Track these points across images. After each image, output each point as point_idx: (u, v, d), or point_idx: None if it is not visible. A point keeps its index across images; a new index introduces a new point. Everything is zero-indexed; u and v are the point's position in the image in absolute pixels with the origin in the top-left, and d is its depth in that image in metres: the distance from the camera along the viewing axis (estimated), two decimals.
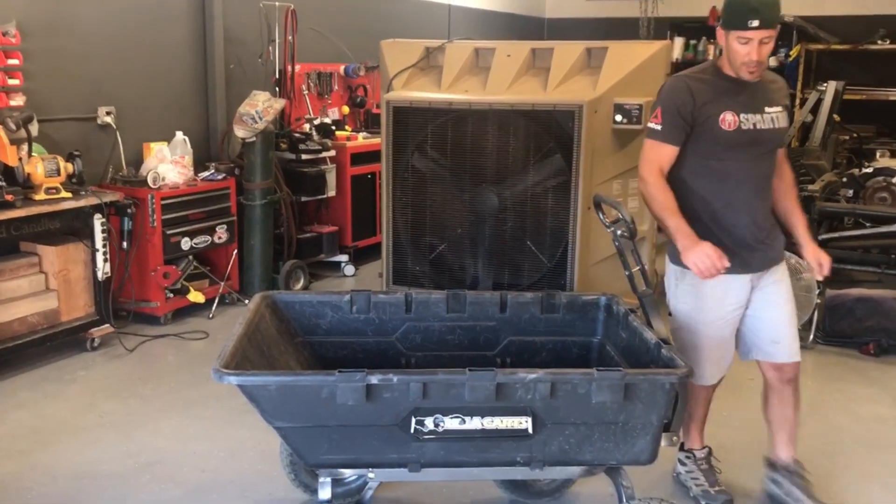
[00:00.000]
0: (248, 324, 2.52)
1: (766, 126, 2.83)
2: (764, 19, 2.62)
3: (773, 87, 2.90)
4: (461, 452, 2.31)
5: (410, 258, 4.76)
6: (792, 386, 2.98)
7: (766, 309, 2.93)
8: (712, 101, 2.80)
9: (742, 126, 2.79)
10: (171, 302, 5.25)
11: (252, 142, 5.53)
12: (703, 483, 3.14)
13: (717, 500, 3.10)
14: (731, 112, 2.79)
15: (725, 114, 2.78)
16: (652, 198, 2.81)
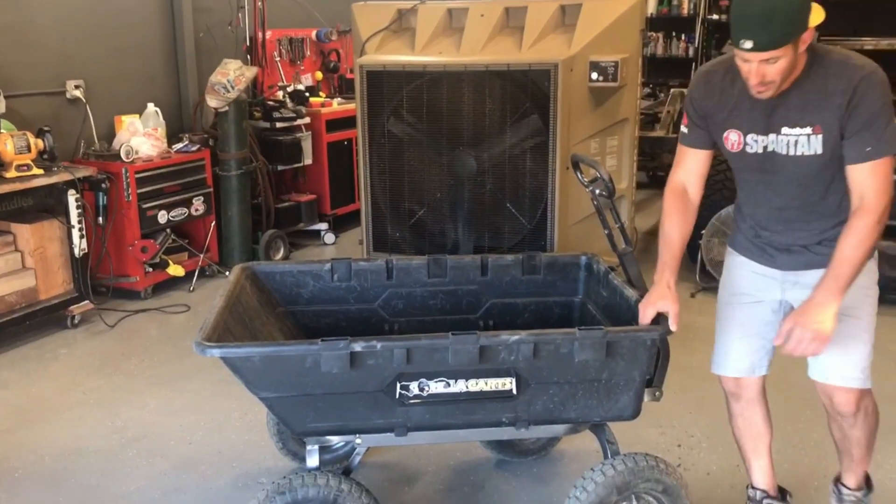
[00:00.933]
0: (229, 296, 2.50)
1: (779, 150, 2.26)
2: (758, 42, 2.04)
3: (814, 99, 2.18)
4: (447, 415, 2.33)
5: (390, 224, 4.74)
6: (843, 413, 2.47)
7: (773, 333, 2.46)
8: (723, 110, 2.34)
9: (747, 149, 2.32)
10: (150, 276, 5.22)
11: (225, 111, 5.46)
12: None
13: None
14: (735, 131, 2.32)
15: (729, 132, 2.34)
16: (662, 214, 2.51)
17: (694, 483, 3.11)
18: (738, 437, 2.74)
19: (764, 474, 2.74)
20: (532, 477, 3.17)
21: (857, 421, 2.48)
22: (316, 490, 2.28)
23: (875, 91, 2.12)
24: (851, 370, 2.39)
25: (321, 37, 7.04)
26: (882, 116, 2.13)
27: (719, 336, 2.64)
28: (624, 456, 2.43)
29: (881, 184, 2.15)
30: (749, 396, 2.65)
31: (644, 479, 2.41)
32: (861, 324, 2.37)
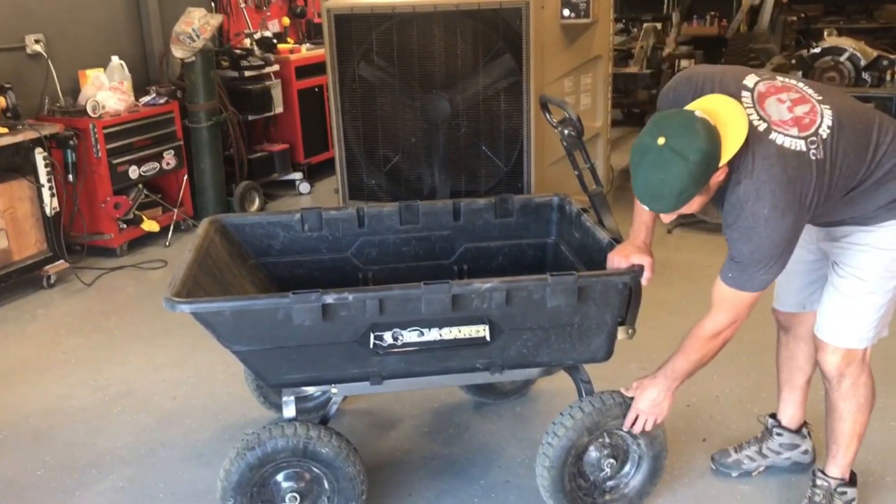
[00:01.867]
0: (198, 250, 2.48)
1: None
2: (655, 210, 2.12)
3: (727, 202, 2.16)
4: (421, 363, 2.34)
5: (365, 172, 4.70)
6: (826, 373, 2.43)
7: (830, 267, 2.39)
8: None
9: None
10: (125, 233, 5.17)
11: (192, 62, 5.34)
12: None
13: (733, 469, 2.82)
14: None
15: None
16: None
17: (674, 414, 3.15)
18: (778, 364, 2.78)
19: (790, 405, 2.78)
20: (514, 416, 3.21)
21: (841, 388, 2.40)
22: (285, 440, 2.30)
23: (753, 241, 2.06)
24: (837, 326, 2.34)
25: None
26: (751, 261, 2.09)
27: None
28: (592, 397, 2.45)
29: (723, 305, 2.20)
30: (797, 332, 2.65)
31: (613, 417, 2.44)
32: (865, 286, 2.27)
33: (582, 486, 2.54)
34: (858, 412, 2.43)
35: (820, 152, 2.06)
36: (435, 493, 2.78)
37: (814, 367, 2.66)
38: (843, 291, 2.31)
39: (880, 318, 2.32)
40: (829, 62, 5.22)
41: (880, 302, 2.29)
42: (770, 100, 2.10)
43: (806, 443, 2.80)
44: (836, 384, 2.40)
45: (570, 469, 2.45)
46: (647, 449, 2.51)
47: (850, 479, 2.54)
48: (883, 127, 2.17)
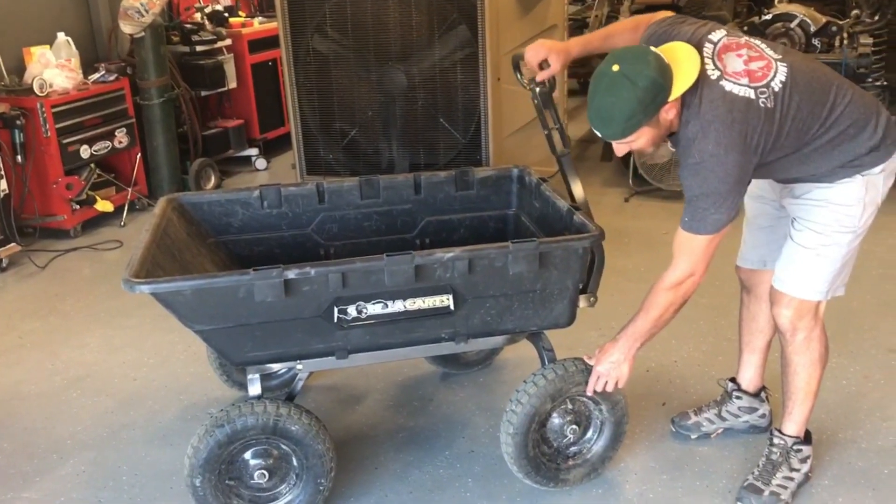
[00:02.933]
0: (155, 229, 2.44)
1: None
2: (604, 135, 2.20)
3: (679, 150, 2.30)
4: (386, 335, 2.34)
5: (322, 146, 4.66)
6: (780, 327, 2.49)
7: (790, 222, 2.45)
8: None
9: None
10: (78, 214, 5.07)
11: (141, 37, 5.22)
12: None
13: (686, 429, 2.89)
14: None
15: None
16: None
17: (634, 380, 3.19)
18: (740, 326, 2.83)
19: (750, 368, 2.84)
20: (478, 386, 3.24)
21: (795, 342, 2.47)
22: (255, 418, 2.29)
23: (700, 176, 2.16)
24: (792, 277, 2.40)
25: None
26: (702, 198, 2.17)
27: (744, 230, 2.70)
28: (554, 364, 2.48)
29: (682, 253, 2.26)
30: (759, 292, 2.70)
31: (575, 384, 2.47)
32: (821, 238, 2.33)
33: (545, 452, 2.58)
34: (812, 367, 2.50)
35: (770, 102, 2.14)
36: (401, 465, 2.80)
37: (773, 329, 2.73)
38: (800, 243, 2.38)
39: (835, 272, 2.38)
40: (779, 28, 5.28)
41: (835, 255, 2.35)
42: (729, 54, 2.19)
43: (764, 407, 2.87)
44: (791, 338, 2.47)
45: (533, 436, 2.48)
46: (609, 414, 2.56)
47: (805, 437, 2.62)
48: (841, 90, 2.24)
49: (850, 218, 2.31)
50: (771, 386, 2.89)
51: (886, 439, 2.83)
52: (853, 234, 2.34)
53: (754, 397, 2.86)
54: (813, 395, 2.55)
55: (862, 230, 2.36)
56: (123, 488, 2.74)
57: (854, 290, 3.83)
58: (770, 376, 2.87)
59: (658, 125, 2.16)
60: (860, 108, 2.24)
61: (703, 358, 3.37)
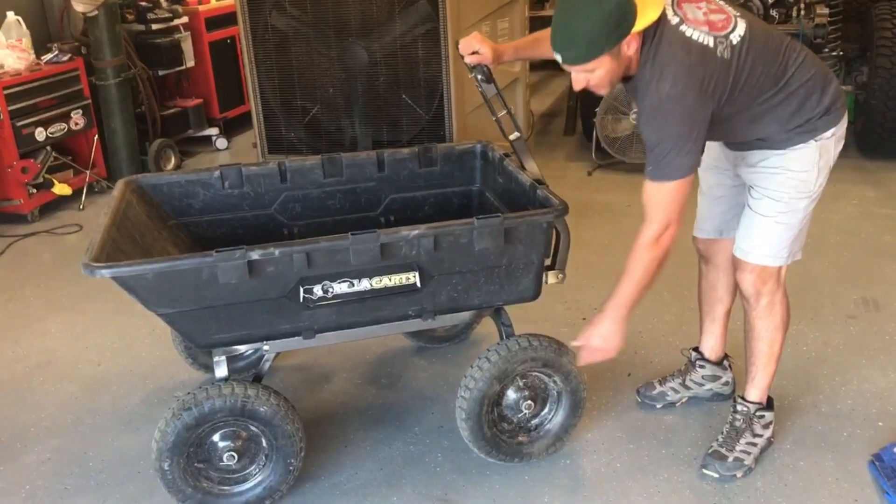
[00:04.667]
0: (115, 212, 2.40)
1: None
2: (566, 57, 2.14)
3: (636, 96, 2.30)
4: (353, 314, 2.34)
5: (284, 125, 4.61)
6: (744, 292, 2.54)
7: (747, 191, 2.50)
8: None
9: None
10: (35, 197, 4.97)
11: (94, 16, 5.10)
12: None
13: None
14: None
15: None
16: None
17: None
18: (700, 296, 2.87)
19: (712, 337, 2.88)
20: (447, 362, 3.26)
21: (759, 307, 2.51)
22: (223, 400, 2.28)
23: (658, 119, 2.16)
24: (753, 245, 2.44)
25: None
26: (662, 143, 2.16)
27: (700, 201, 2.72)
28: (498, 345, 2.49)
29: (652, 206, 2.23)
30: (717, 262, 2.73)
31: (520, 362, 2.47)
32: (778, 205, 2.37)
33: (505, 429, 2.60)
34: (775, 331, 2.55)
35: (727, 53, 2.16)
36: (371, 443, 2.81)
37: (733, 297, 2.78)
38: (758, 211, 2.42)
39: (794, 237, 2.43)
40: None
41: (793, 221, 2.40)
42: (690, 4, 2.21)
43: (727, 374, 2.92)
44: (755, 303, 2.52)
45: (487, 417, 2.50)
46: (564, 384, 2.57)
47: (768, 403, 2.68)
48: (793, 52, 2.28)
49: (805, 183, 2.35)
50: (733, 354, 2.94)
51: (845, 403, 2.90)
52: (809, 199, 2.39)
53: (717, 365, 2.91)
54: (775, 359, 2.60)
55: (817, 194, 2.41)
56: (90, 475, 2.72)
57: (813, 257, 3.92)
58: (732, 344, 2.92)
59: (619, 58, 2.13)
60: (811, 71, 2.28)
61: (666, 328, 3.42)
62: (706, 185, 2.67)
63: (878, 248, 4.08)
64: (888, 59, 4.94)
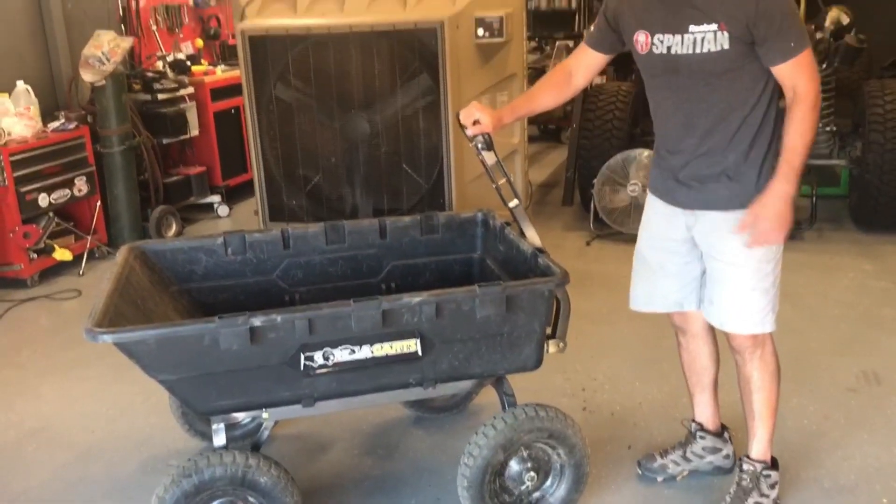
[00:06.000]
0: (118, 278, 2.42)
1: (683, 51, 2.30)
2: None
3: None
4: (354, 382, 2.33)
5: (285, 193, 4.66)
6: (736, 348, 2.55)
7: (707, 261, 2.52)
8: (635, 13, 2.40)
9: (654, 49, 2.35)
10: (35, 263, 4.99)
11: (102, 85, 5.22)
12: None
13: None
14: (644, 31, 2.37)
15: (638, 33, 2.38)
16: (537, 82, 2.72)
17: (599, 423, 3.24)
18: (684, 369, 2.85)
19: (705, 408, 2.85)
20: (445, 433, 3.22)
21: (754, 359, 2.52)
22: (223, 469, 2.25)
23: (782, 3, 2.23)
24: (734, 319, 2.46)
25: (199, 2, 6.79)
26: (792, 15, 2.24)
27: (639, 276, 2.71)
28: (504, 413, 2.47)
29: (810, 72, 2.26)
30: (693, 331, 2.72)
31: (526, 431, 2.45)
32: (744, 273, 2.40)
33: (506, 501, 2.56)
34: (771, 381, 2.56)
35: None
36: None
37: (718, 363, 2.79)
38: (727, 283, 2.44)
39: (771, 299, 2.45)
40: None
41: (765, 285, 2.42)
42: None
43: (727, 447, 2.89)
44: (750, 356, 2.53)
45: (489, 487, 2.47)
46: (568, 457, 2.54)
47: (773, 463, 2.66)
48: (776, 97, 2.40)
49: (768, 247, 2.39)
50: (731, 426, 2.92)
51: (848, 478, 2.87)
52: (775, 260, 2.42)
53: (717, 437, 2.88)
54: (774, 410, 2.59)
55: (780, 254, 2.44)
56: None
57: (811, 329, 3.93)
58: (729, 416, 2.90)
59: None
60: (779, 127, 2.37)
61: (666, 399, 3.40)
62: (656, 264, 2.64)
63: (876, 320, 4.09)
64: (880, 135, 5.04)
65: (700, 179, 2.42)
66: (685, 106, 2.39)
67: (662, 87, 2.44)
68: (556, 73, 2.68)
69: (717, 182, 2.40)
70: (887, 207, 5.14)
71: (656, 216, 2.61)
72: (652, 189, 2.63)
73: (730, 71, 2.30)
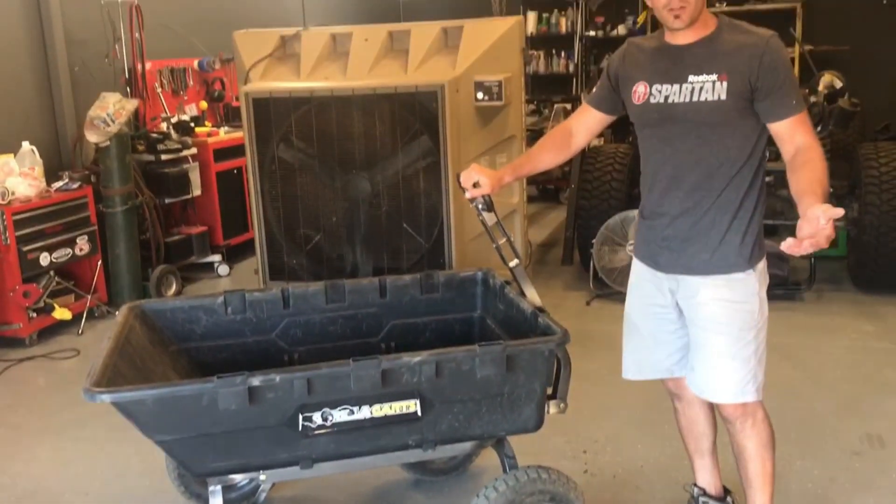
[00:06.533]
0: (117, 337, 2.41)
1: (680, 99, 2.32)
2: None
3: (723, 51, 2.29)
4: (352, 443, 2.30)
5: (286, 252, 4.68)
6: (727, 418, 2.52)
7: (689, 326, 2.50)
8: (637, 68, 2.45)
9: (650, 99, 2.38)
10: (35, 322, 4.97)
11: (106, 146, 5.28)
12: None
13: None
14: (643, 83, 2.40)
15: (638, 85, 2.42)
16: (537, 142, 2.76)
17: (601, 486, 3.19)
18: (682, 435, 2.81)
19: (705, 472, 2.81)
20: (445, 495, 3.17)
21: (745, 428, 2.49)
22: None
23: (783, 52, 2.29)
24: (716, 387, 2.44)
25: (204, 66, 6.90)
26: (793, 74, 2.30)
27: (629, 343, 2.70)
28: (506, 475, 2.44)
29: (811, 130, 2.30)
30: (688, 396, 2.69)
31: (528, 493, 2.42)
32: (726, 340, 2.37)
33: None
34: (764, 449, 2.52)
35: None
36: None
37: (715, 428, 2.75)
38: (709, 351, 2.42)
39: (753, 367, 2.42)
40: None
41: (746, 353, 2.40)
42: None
43: None
44: (741, 426, 2.49)
45: None
46: None
47: None
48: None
49: (751, 314, 2.37)
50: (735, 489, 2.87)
51: None
52: (756, 329, 2.40)
53: (720, 501, 2.83)
54: (771, 478, 2.55)
55: (762, 323, 2.42)
56: None
57: (814, 391, 3.90)
58: (735, 479, 2.86)
59: None
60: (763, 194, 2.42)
61: (668, 462, 3.35)
62: (646, 330, 2.62)
63: (879, 382, 4.06)
64: (876, 197, 5.08)
65: (683, 240, 2.42)
66: (674, 159, 2.40)
67: (654, 139, 2.45)
68: (556, 133, 2.72)
69: (698, 244, 2.39)
70: (886, 268, 5.16)
71: (642, 281, 2.61)
72: (636, 254, 2.64)
73: (722, 125, 2.32)
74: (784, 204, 5.36)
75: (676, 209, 2.42)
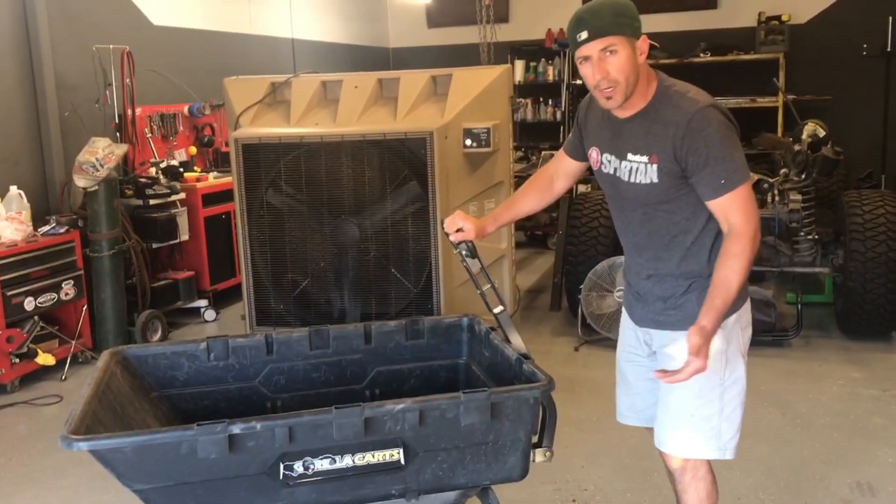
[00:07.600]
0: (97, 384, 2.37)
1: (624, 178, 2.33)
2: (591, 28, 2.15)
3: (653, 130, 2.24)
4: (334, 493, 2.26)
5: (273, 297, 4.66)
6: (670, 468, 2.51)
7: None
8: (591, 130, 2.47)
9: (602, 168, 2.41)
10: (17, 367, 4.91)
11: (94, 191, 5.28)
12: None
13: None
14: (595, 148, 2.43)
15: (591, 150, 2.46)
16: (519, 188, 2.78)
17: None
18: (671, 483, 2.74)
19: None
20: None
21: (683, 480, 2.45)
22: None
23: (710, 125, 2.17)
24: (668, 436, 2.43)
25: (194, 111, 6.94)
26: (724, 148, 2.17)
27: (620, 389, 2.71)
28: None
29: (745, 210, 2.19)
30: None
31: None
32: (687, 395, 2.33)
33: None
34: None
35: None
36: None
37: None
38: (672, 403, 2.40)
39: (717, 424, 2.36)
40: None
41: (706, 412, 2.35)
42: None
43: None
44: (680, 477, 2.46)
45: None
46: None
47: None
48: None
49: (714, 373, 2.29)
50: None
51: None
52: (721, 388, 2.35)
53: None
54: None
55: (731, 382, 2.36)
56: None
57: (803, 438, 3.87)
58: None
59: (635, 57, 2.19)
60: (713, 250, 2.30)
61: None
62: (631, 377, 2.64)
63: (868, 429, 4.04)
64: (861, 244, 5.11)
65: (653, 297, 2.43)
66: (631, 229, 2.43)
67: (614, 206, 2.49)
68: (537, 178, 2.74)
69: (665, 303, 2.40)
70: (872, 315, 5.17)
71: (626, 329, 2.64)
72: (624, 303, 2.66)
73: (664, 202, 2.30)
74: (769, 251, 5.39)
75: (643, 272, 2.45)
